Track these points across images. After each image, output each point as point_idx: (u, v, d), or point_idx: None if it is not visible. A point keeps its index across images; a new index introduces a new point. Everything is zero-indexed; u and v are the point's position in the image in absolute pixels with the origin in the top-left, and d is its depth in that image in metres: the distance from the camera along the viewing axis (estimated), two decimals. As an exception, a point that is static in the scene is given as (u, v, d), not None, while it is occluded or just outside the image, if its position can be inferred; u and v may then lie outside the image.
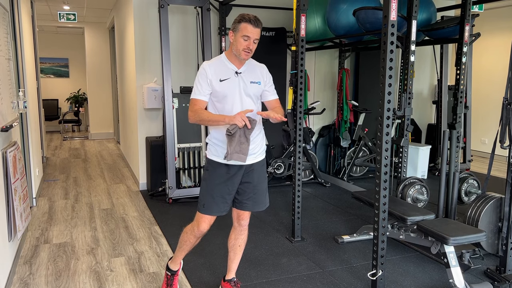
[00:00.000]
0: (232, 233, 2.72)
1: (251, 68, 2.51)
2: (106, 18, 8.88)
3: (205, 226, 2.53)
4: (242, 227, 2.67)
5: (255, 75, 2.51)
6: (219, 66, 2.46)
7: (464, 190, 4.05)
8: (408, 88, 3.73)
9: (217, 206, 2.50)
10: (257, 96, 2.54)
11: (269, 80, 2.58)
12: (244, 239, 2.71)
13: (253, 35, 2.35)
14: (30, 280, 2.99)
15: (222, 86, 2.43)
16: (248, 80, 2.47)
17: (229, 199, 2.54)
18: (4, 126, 2.84)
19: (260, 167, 2.59)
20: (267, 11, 5.53)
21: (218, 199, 2.49)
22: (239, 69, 2.46)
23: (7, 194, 2.92)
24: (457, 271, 2.70)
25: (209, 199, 2.50)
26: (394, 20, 2.49)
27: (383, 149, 2.58)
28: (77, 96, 10.95)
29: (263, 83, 2.54)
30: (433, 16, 4.33)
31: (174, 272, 2.77)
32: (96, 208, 4.64)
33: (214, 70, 2.43)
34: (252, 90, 2.48)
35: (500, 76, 7.08)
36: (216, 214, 2.52)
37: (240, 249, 2.72)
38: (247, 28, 2.33)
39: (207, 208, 2.50)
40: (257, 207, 2.61)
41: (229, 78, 2.44)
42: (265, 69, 2.59)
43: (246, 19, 2.34)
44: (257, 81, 2.51)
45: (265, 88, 2.56)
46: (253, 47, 2.39)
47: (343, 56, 5.61)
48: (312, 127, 5.92)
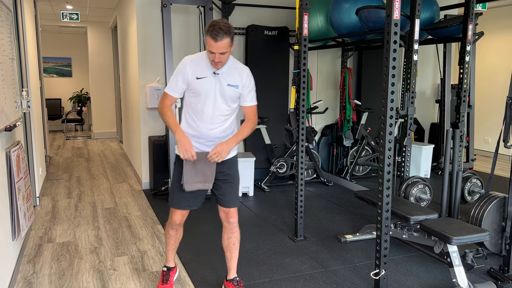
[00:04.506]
0: (224, 233, 2.73)
1: (231, 71, 2.48)
2: (109, 18, 8.89)
3: (177, 218, 2.63)
4: (231, 225, 2.68)
5: (234, 78, 2.48)
6: (199, 63, 2.46)
7: (467, 189, 4.04)
8: (411, 87, 3.72)
9: (187, 200, 2.57)
10: (233, 100, 2.51)
11: (249, 84, 2.53)
12: (237, 236, 2.72)
13: (216, 49, 2.30)
14: (33, 279, 3.00)
15: (198, 83, 2.44)
16: (226, 82, 2.46)
17: (199, 194, 2.59)
18: (7, 125, 2.84)
19: (231, 163, 2.62)
20: (270, 10, 5.52)
21: (187, 194, 2.54)
22: (218, 69, 2.45)
23: (10, 193, 2.93)
24: (461, 271, 2.69)
25: (178, 194, 2.56)
26: (397, 19, 2.48)
27: (386, 148, 2.58)
28: (80, 96, 10.97)
29: (241, 87, 2.50)
30: (436, 15, 4.32)
31: (171, 268, 2.82)
32: (99, 207, 4.65)
33: (194, 67, 2.45)
34: (228, 92, 2.46)
35: (503, 75, 7.06)
36: (186, 208, 2.60)
37: (235, 248, 2.73)
38: (210, 43, 2.30)
39: (176, 203, 2.59)
40: (231, 203, 2.62)
41: (205, 77, 2.44)
42: (246, 73, 2.52)
43: (209, 33, 2.28)
44: (234, 85, 2.47)
45: (243, 92, 2.52)
46: (219, 59, 2.34)
47: (346, 55, 5.60)
48: (315, 126, 5.91)
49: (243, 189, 5.01)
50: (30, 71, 4.79)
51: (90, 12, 8.29)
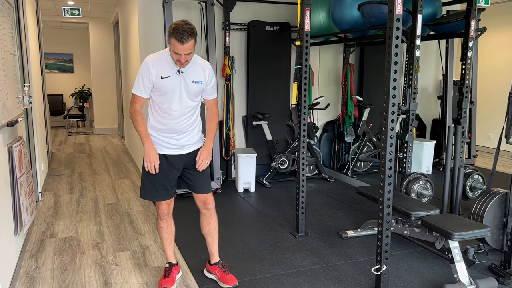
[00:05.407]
0: (203, 220, 2.83)
1: (194, 68, 2.56)
2: (110, 13, 8.88)
3: (164, 208, 2.73)
4: (209, 211, 2.79)
5: (197, 74, 2.57)
6: (162, 63, 2.50)
7: (469, 185, 4.03)
8: (413, 83, 3.71)
9: (158, 192, 2.67)
10: (197, 94, 2.62)
11: (211, 80, 2.65)
12: (216, 221, 2.84)
13: (182, 51, 2.36)
14: (36, 274, 3.01)
15: (163, 83, 2.50)
16: (190, 79, 2.54)
17: (170, 186, 2.69)
18: (9, 121, 2.85)
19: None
20: (272, 6, 5.51)
21: (159, 186, 2.66)
22: (183, 68, 2.51)
23: (13, 188, 2.94)
24: (462, 267, 2.69)
25: (149, 187, 2.66)
26: (399, 14, 2.47)
27: (388, 144, 2.57)
28: (82, 92, 10.98)
29: (205, 83, 2.61)
30: (439, 10, 4.30)
31: (173, 264, 2.87)
32: (101, 203, 4.66)
33: (157, 67, 2.49)
34: (192, 88, 2.56)
35: (506, 71, 7.03)
36: (158, 200, 2.70)
37: (215, 232, 2.85)
38: (176, 45, 2.35)
39: (149, 195, 2.69)
40: (204, 189, 2.74)
41: (170, 76, 2.50)
42: (208, 69, 2.63)
43: (175, 36, 2.33)
44: (198, 81, 2.57)
45: (206, 87, 2.63)
46: (185, 58, 2.41)
47: (348, 51, 5.58)
48: (316, 122, 5.90)
49: (245, 185, 5.02)
50: (32, 66, 4.79)
51: (92, 8, 8.28)
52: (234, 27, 5.34)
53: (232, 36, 5.35)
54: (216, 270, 2.85)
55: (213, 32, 4.80)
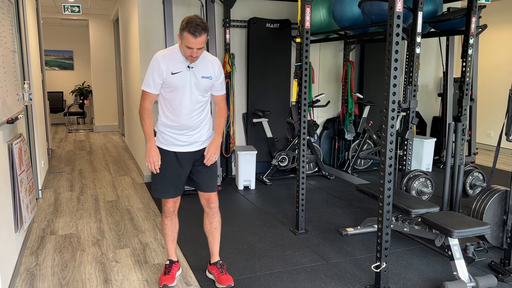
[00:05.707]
0: (206, 219, 2.84)
1: (204, 63, 2.57)
2: (110, 10, 8.86)
3: (170, 205, 2.76)
4: (213, 210, 2.79)
5: (207, 70, 2.58)
6: (172, 58, 2.52)
7: (469, 183, 4.03)
8: (413, 80, 3.71)
9: (168, 190, 2.69)
10: (207, 90, 2.63)
11: (220, 75, 2.66)
12: (218, 221, 2.83)
13: (195, 45, 2.38)
14: (36, 270, 3.02)
15: (174, 79, 2.51)
16: (200, 75, 2.55)
17: (180, 183, 2.71)
18: (9, 118, 2.85)
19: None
20: (272, 3, 5.49)
21: (169, 184, 2.67)
22: (193, 63, 2.52)
23: (13, 185, 2.95)
24: (461, 264, 2.70)
25: (160, 185, 2.68)
26: (400, 11, 2.47)
27: (388, 142, 2.57)
28: (82, 89, 10.97)
29: (215, 78, 2.62)
30: (439, 7, 4.29)
31: (173, 261, 2.87)
32: (101, 200, 4.67)
33: (168, 63, 2.50)
34: (203, 84, 2.57)
35: (506, 68, 7.02)
36: (168, 197, 2.71)
37: (217, 231, 2.85)
38: (189, 39, 2.36)
39: (160, 193, 2.70)
40: (209, 188, 2.75)
41: (181, 72, 2.51)
42: (218, 64, 2.64)
43: (188, 29, 2.35)
44: (208, 76, 2.58)
45: (216, 82, 2.64)
46: (197, 53, 2.43)
47: (348, 48, 5.58)
48: (317, 120, 5.90)
49: (245, 182, 5.02)
50: (32, 64, 4.78)
51: (92, 5, 8.27)
52: (234, 24, 5.33)
53: (232, 33, 5.35)
54: (214, 270, 2.85)
55: (214, 29, 4.79)
